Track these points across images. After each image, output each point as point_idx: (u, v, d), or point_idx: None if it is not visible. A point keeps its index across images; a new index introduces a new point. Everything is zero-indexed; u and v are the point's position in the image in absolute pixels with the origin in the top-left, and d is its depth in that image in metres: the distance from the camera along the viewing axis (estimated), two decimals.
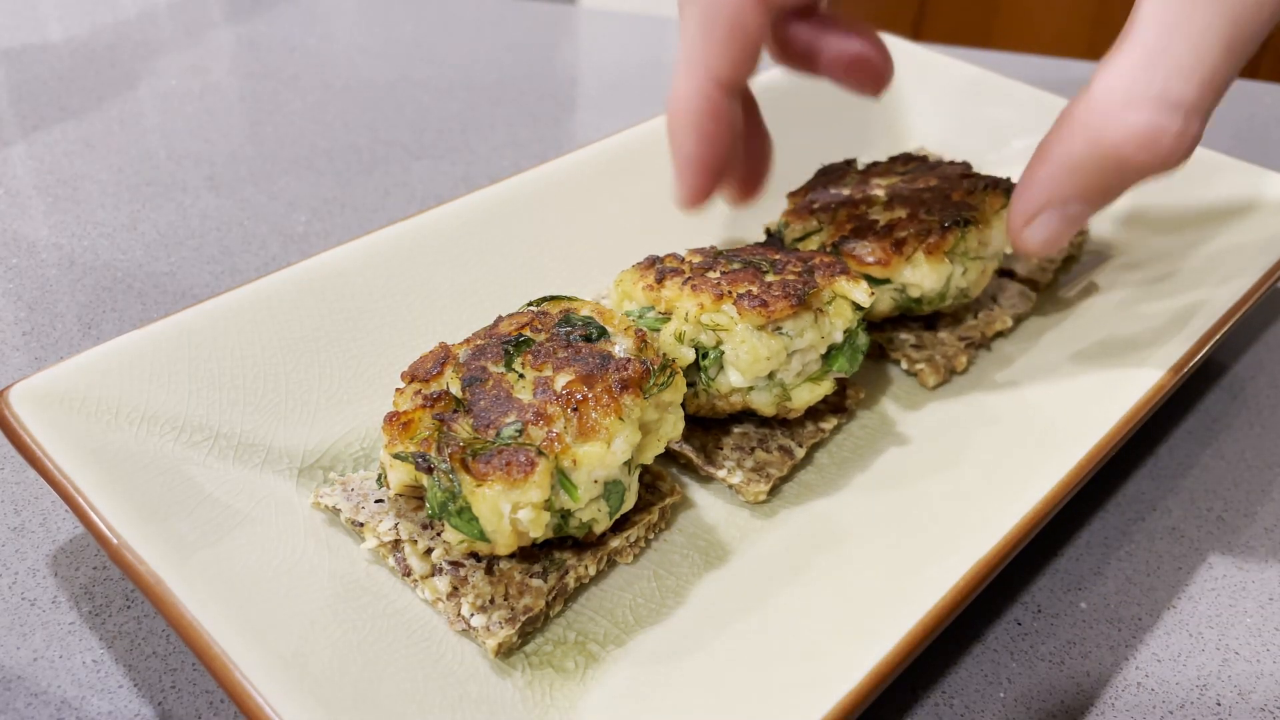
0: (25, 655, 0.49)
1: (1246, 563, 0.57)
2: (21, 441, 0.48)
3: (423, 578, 0.48)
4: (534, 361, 0.49)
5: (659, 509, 0.53)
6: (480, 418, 0.47)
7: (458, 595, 0.47)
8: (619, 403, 0.46)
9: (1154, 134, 0.46)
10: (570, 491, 0.45)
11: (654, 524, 0.53)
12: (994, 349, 0.68)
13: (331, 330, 0.59)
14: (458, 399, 0.48)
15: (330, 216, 0.83)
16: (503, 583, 0.48)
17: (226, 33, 1.12)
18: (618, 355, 0.49)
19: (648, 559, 0.52)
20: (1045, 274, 0.73)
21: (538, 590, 0.47)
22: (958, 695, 0.49)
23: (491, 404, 0.47)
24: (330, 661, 0.43)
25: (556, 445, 0.45)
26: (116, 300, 0.71)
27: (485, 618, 0.46)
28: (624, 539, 0.51)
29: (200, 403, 0.54)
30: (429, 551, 0.49)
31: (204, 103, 0.98)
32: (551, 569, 0.49)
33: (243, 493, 0.51)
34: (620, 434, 0.46)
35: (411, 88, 1.03)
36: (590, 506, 0.47)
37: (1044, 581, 0.55)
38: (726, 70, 0.54)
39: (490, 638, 0.45)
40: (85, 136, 0.90)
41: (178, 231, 0.79)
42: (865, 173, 0.71)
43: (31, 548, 0.54)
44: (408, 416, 0.47)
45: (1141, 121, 0.46)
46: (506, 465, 0.44)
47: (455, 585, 0.47)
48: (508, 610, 0.46)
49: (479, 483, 0.44)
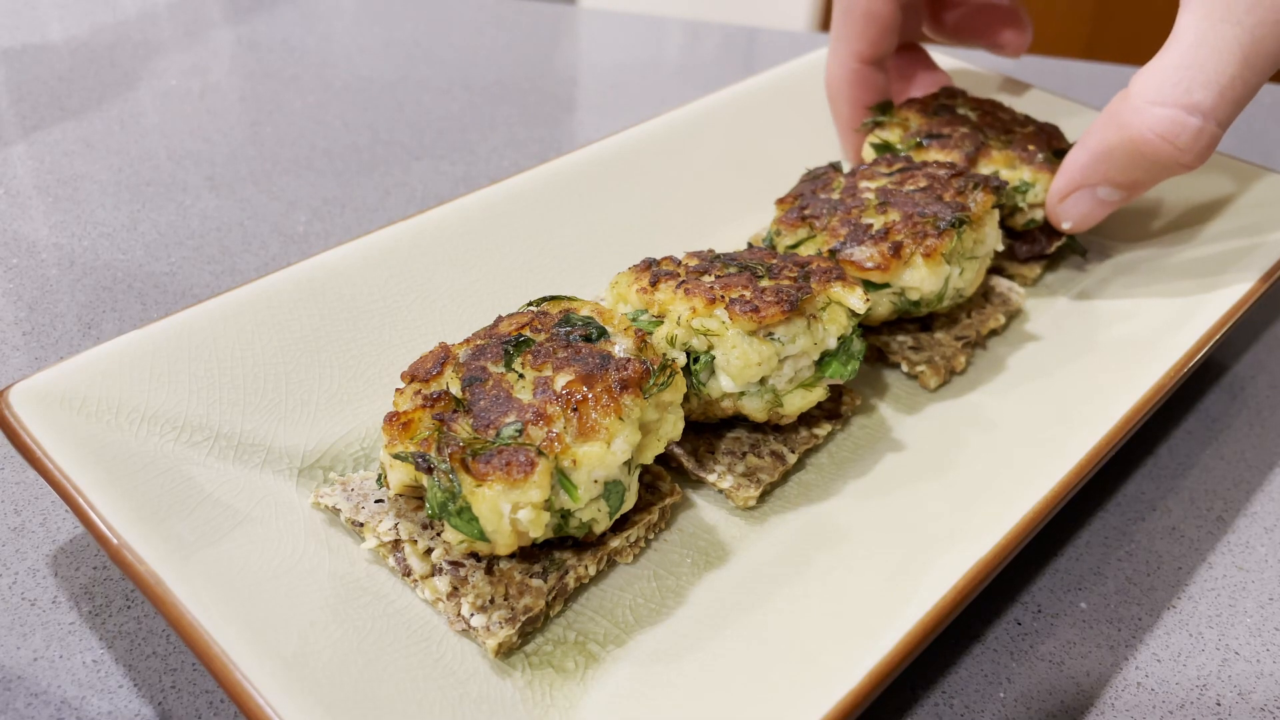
0: (25, 655, 0.49)
1: (1246, 563, 0.57)
2: (21, 441, 0.48)
3: (423, 578, 0.48)
4: (534, 361, 0.49)
5: (659, 509, 0.53)
6: (480, 418, 0.46)
7: (458, 595, 0.47)
8: (619, 402, 0.46)
9: (1175, 128, 0.54)
10: (570, 491, 0.45)
11: (654, 524, 0.53)
12: (990, 350, 0.68)
13: (331, 330, 0.59)
14: (458, 399, 0.48)
15: (330, 217, 0.83)
16: (503, 583, 0.47)
17: (226, 33, 1.12)
18: (618, 355, 0.49)
19: (647, 559, 0.52)
20: (1033, 270, 0.74)
21: (538, 590, 0.47)
22: (958, 695, 0.49)
23: (491, 404, 0.47)
24: (330, 661, 0.43)
25: (556, 445, 0.45)
26: (116, 300, 0.71)
27: (485, 618, 0.46)
28: (624, 539, 0.51)
29: (200, 403, 0.54)
30: (429, 551, 0.49)
31: (204, 103, 0.98)
32: (551, 569, 0.49)
33: (243, 493, 0.51)
34: (620, 434, 0.46)
35: (411, 88, 1.03)
36: (590, 506, 0.46)
37: (1044, 581, 0.55)
38: (865, 49, 0.71)
39: (490, 638, 0.45)
40: (85, 136, 0.90)
41: (178, 231, 0.79)
42: (852, 176, 0.71)
43: (31, 548, 0.54)
44: (408, 416, 0.47)
45: (1165, 116, 0.54)
46: (506, 465, 0.44)
47: (455, 585, 0.47)
48: (508, 610, 0.46)
49: (479, 483, 0.44)
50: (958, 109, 0.79)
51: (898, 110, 0.79)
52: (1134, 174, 0.59)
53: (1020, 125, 0.76)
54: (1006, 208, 0.73)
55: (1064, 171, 0.63)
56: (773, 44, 1.18)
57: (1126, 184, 0.61)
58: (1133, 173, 0.59)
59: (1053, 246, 0.73)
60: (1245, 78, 0.53)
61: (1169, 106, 0.54)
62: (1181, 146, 0.54)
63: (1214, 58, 0.52)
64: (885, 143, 0.77)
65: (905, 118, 0.78)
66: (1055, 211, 0.65)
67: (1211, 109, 0.53)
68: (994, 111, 0.78)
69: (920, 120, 0.77)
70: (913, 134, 0.76)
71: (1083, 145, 0.61)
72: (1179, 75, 0.53)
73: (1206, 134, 0.54)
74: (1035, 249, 0.73)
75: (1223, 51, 0.52)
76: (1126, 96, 0.56)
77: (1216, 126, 0.54)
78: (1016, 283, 0.73)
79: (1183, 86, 0.53)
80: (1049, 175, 0.71)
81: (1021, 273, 0.74)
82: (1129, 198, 0.62)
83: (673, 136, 0.79)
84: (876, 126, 0.79)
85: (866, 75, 0.73)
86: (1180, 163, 0.55)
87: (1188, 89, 0.53)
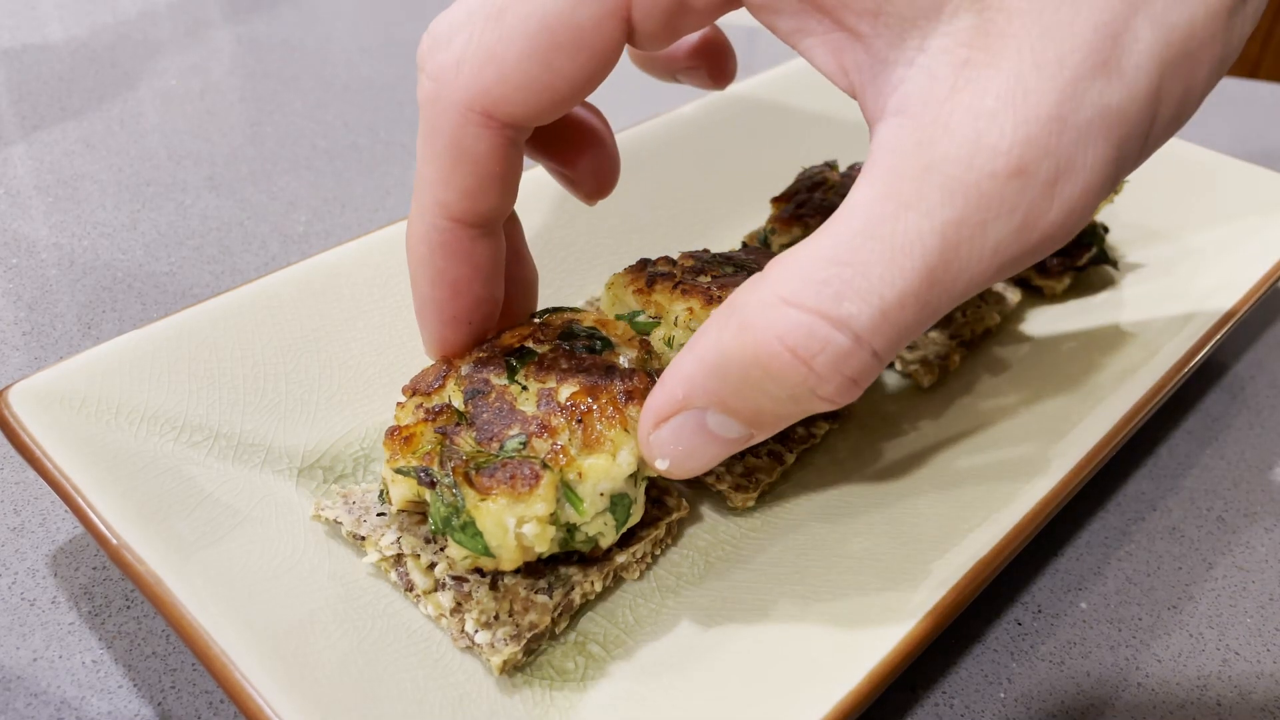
0: (25, 655, 0.49)
1: (1247, 563, 0.57)
2: (21, 441, 0.48)
3: (425, 593, 0.47)
4: (537, 373, 0.48)
5: (666, 524, 0.52)
6: (483, 431, 0.46)
7: (461, 611, 0.46)
8: (624, 414, 0.45)
9: (811, 342, 0.35)
10: (576, 505, 0.45)
11: (660, 539, 0.52)
12: (986, 350, 0.68)
13: (331, 330, 0.59)
14: (460, 412, 0.47)
15: (330, 216, 0.83)
16: (507, 599, 0.47)
17: (226, 33, 1.12)
18: (622, 366, 0.48)
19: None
20: (1062, 282, 0.72)
21: (543, 606, 0.46)
22: (958, 695, 0.49)
23: (494, 417, 0.46)
24: (330, 661, 0.43)
25: (561, 458, 0.44)
26: (116, 300, 0.71)
27: (490, 634, 0.45)
28: (630, 555, 0.50)
29: (200, 403, 0.54)
30: (432, 566, 0.48)
31: (204, 103, 0.98)
32: (557, 585, 0.47)
33: (243, 493, 0.51)
34: (625, 445, 0.45)
35: (411, 88, 1.03)
36: (596, 520, 0.46)
37: (1044, 581, 0.55)
38: (458, 203, 0.44)
39: (495, 654, 0.44)
40: (85, 136, 0.90)
41: (178, 231, 0.79)
42: (847, 175, 0.71)
43: (31, 548, 0.54)
44: (409, 431, 0.46)
45: (800, 323, 0.35)
46: (511, 478, 0.43)
47: (459, 601, 0.46)
48: (513, 627, 0.45)
49: (482, 496, 0.43)
50: None
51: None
52: (755, 398, 0.38)
53: None
54: None
55: (663, 384, 0.41)
56: (772, 44, 1.18)
57: (746, 413, 0.39)
58: (753, 396, 0.38)
59: (1084, 259, 0.71)
60: (924, 298, 0.35)
61: (808, 311, 0.35)
62: (818, 369, 0.35)
63: (884, 259, 0.34)
64: None
65: None
66: (646, 442, 0.42)
67: (867, 329, 0.35)
68: None
69: None
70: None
71: (690, 349, 0.39)
72: (830, 272, 0.35)
73: (856, 361, 0.35)
74: (1066, 262, 0.71)
75: (899, 252, 0.34)
76: (756, 283, 0.37)
77: (872, 356, 0.36)
78: (1044, 294, 0.72)
79: (832, 289, 0.35)
80: None
81: (1050, 284, 0.72)
82: (751, 438, 0.41)
83: (668, 137, 0.79)
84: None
85: (462, 244, 0.45)
86: (816, 392, 0.36)
87: (838, 294, 0.35)
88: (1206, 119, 1.10)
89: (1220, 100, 1.12)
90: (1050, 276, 0.73)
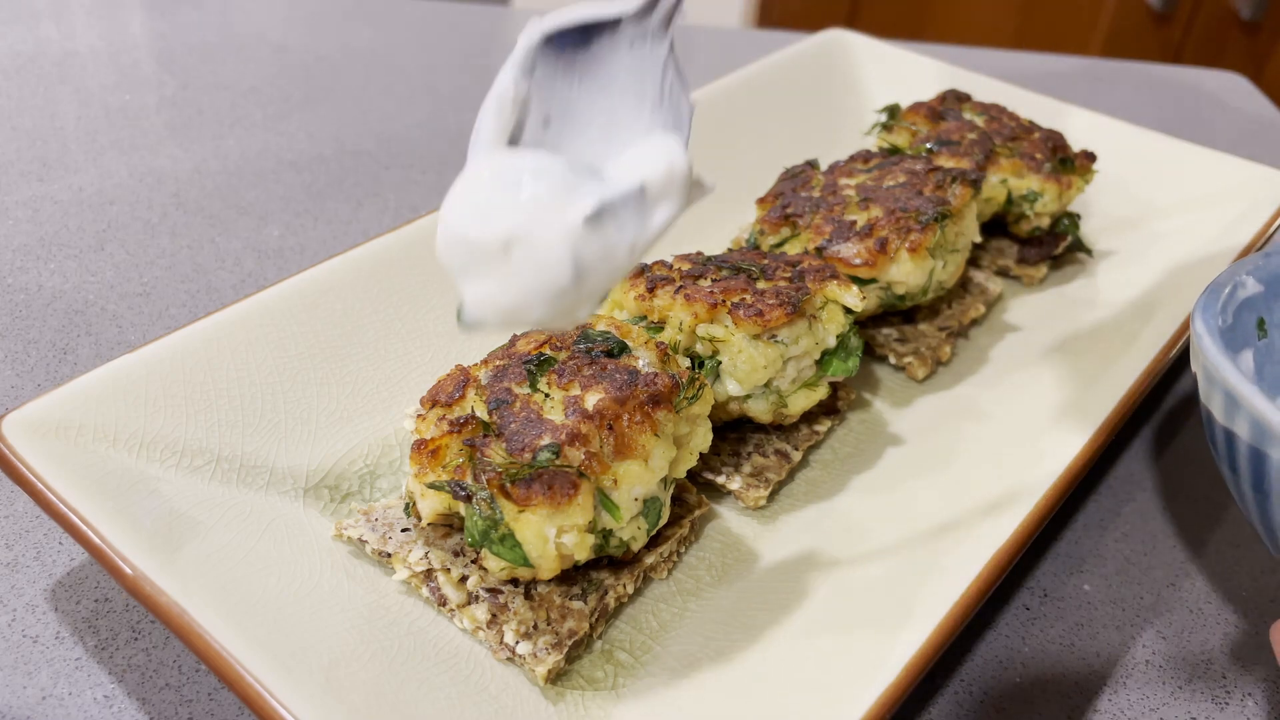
0: (33, 694, 0.47)
1: (1238, 538, 0.59)
2: (20, 474, 0.46)
3: (460, 606, 0.46)
4: (559, 380, 0.48)
5: (689, 521, 0.52)
6: (513, 441, 0.45)
7: (498, 622, 0.46)
8: (653, 419, 0.45)
9: None
10: (612, 511, 0.45)
11: (684, 537, 0.52)
12: (973, 340, 0.69)
13: (326, 345, 0.58)
14: (485, 423, 0.47)
15: (303, 230, 0.81)
16: (543, 607, 0.46)
17: (177, 43, 1.09)
18: (643, 370, 0.48)
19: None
20: (1040, 271, 0.74)
21: (580, 613, 0.46)
22: (976, 682, 0.50)
23: (523, 426, 0.46)
24: (365, 683, 0.42)
25: (596, 465, 0.44)
26: (91, 324, 0.69)
27: (531, 644, 0.45)
28: (658, 555, 0.50)
29: (199, 425, 0.53)
30: (464, 579, 0.47)
31: (160, 117, 0.95)
32: (590, 590, 0.47)
33: (251, 516, 0.50)
34: (657, 450, 0.45)
35: (374, 96, 1.02)
36: (630, 525, 0.46)
37: (1047, 565, 0.57)
38: None
39: (539, 664, 0.44)
40: (40, 156, 0.87)
41: (147, 250, 0.77)
42: (830, 173, 0.72)
43: (28, 583, 0.52)
44: (436, 443, 0.46)
45: None
46: (549, 489, 0.43)
47: (494, 612, 0.46)
48: (553, 635, 0.45)
49: (521, 508, 0.43)
50: (964, 114, 0.79)
51: (904, 114, 0.80)
52: None
53: (1025, 132, 0.77)
54: (1013, 215, 0.74)
55: None
56: (748, 44, 1.19)
57: None
58: None
59: (1060, 248, 0.74)
60: None
61: None
62: None
63: None
64: (894, 146, 0.78)
65: (913, 121, 0.79)
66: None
67: None
68: (999, 116, 0.79)
69: (927, 125, 0.78)
70: (921, 140, 0.76)
71: None
72: None
73: None
74: (1043, 251, 0.74)
75: None
76: None
77: None
78: (1023, 283, 0.75)
79: None
80: (1055, 184, 0.72)
81: (1028, 273, 0.74)
82: None
83: None
84: (884, 129, 0.80)
85: None
86: None
87: None
88: (1138, 102, 1.14)
89: (1151, 83, 1.17)
90: (1029, 265, 0.74)
